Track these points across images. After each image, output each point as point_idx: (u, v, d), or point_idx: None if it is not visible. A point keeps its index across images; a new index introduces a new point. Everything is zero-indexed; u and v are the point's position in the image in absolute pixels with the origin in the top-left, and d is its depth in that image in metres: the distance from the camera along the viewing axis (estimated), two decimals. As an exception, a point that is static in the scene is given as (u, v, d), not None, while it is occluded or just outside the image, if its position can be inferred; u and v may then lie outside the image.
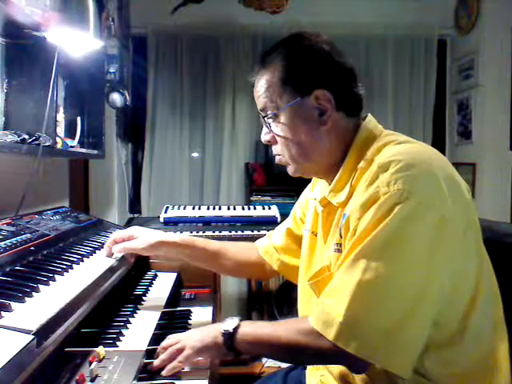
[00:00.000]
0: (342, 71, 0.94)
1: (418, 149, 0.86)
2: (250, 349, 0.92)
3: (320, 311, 0.81)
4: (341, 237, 0.88)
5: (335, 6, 3.10)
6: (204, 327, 0.99)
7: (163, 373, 0.90)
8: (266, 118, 0.96)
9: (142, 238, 1.21)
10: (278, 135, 0.95)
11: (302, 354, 0.86)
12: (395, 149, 0.85)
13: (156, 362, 0.93)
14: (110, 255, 1.22)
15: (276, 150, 0.99)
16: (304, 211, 1.19)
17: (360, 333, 0.76)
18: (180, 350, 0.93)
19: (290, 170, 0.99)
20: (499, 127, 3.01)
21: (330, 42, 0.95)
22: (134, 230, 1.24)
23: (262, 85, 0.95)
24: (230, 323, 0.91)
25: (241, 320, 0.92)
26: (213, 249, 1.26)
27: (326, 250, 0.95)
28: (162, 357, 0.93)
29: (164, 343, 0.96)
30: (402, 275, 0.77)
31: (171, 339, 0.97)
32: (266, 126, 0.97)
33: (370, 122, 0.96)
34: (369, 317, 0.76)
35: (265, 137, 0.99)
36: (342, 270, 0.81)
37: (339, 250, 0.89)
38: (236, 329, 0.89)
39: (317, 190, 1.09)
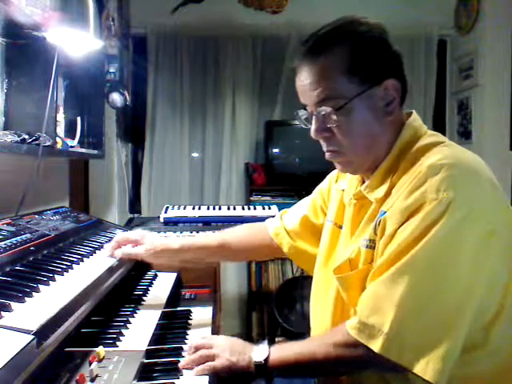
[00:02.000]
0: (400, 59, 0.91)
1: (468, 155, 0.84)
2: (286, 373, 0.91)
3: (362, 321, 0.80)
4: (375, 234, 0.86)
5: (335, 6, 3.09)
6: (240, 346, 0.94)
7: (193, 373, 0.89)
8: (323, 110, 0.87)
9: (145, 246, 1.21)
10: (341, 128, 0.87)
11: (342, 367, 0.87)
12: (445, 151, 0.83)
13: (185, 362, 0.92)
14: (112, 256, 1.22)
15: (331, 144, 0.91)
16: (326, 200, 1.15)
17: (404, 344, 0.76)
18: (211, 357, 0.91)
19: (344, 165, 0.94)
20: (499, 127, 3.01)
21: (385, 29, 0.92)
22: (138, 234, 1.25)
23: (317, 74, 0.87)
24: (260, 353, 0.89)
25: (270, 346, 0.90)
26: (214, 245, 1.25)
27: (353, 243, 0.93)
28: (193, 358, 0.92)
29: (198, 343, 0.95)
30: (445, 290, 0.76)
31: (204, 341, 0.96)
32: (322, 119, 0.88)
33: (416, 120, 0.93)
34: (413, 330, 0.77)
35: (320, 131, 0.90)
36: (385, 279, 0.79)
37: (371, 247, 0.86)
38: (267, 359, 0.88)
39: (342, 182, 1.06)
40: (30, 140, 1.34)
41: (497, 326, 0.83)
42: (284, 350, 0.90)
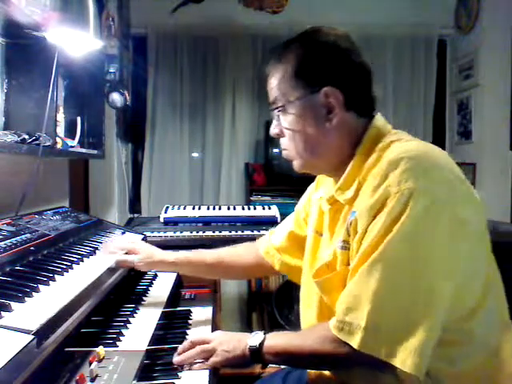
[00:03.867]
0: (357, 71, 0.93)
1: (427, 147, 0.85)
2: (276, 360, 0.93)
3: (341, 319, 0.81)
4: (348, 235, 0.87)
5: (335, 6, 3.10)
6: (232, 337, 0.98)
7: (195, 367, 0.93)
8: (275, 111, 0.96)
9: (141, 256, 1.24)
10: (286, 128, 0.95)
11: (326, 362, 0.88)
12: (404, 146, 0.84)
13: (181, 358, 0.94)
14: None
15: (283, 143, 0.98)
16: (308, 212, 1.18)
17: (381, 337, 0.77)
18: (208, 352, 0.94)
19: (296, 165, 0.99)
20: (499, 127, 3.01)
21: (349, 40, 0.94)
22: (135, 244, 1.28)
23: (275, 77, 0.94)
24: (255, 338, 0.92)
25: (265, 333, 0.93)
26: (209, 262, 1.28)
27: (332, 247, 0.94)
28: (189, 353, 0.94)
29: (195, 339, 0.97)
30: (420, 279, 0.77)
31: (201, 337, 0.97)
32: (276, 119, 0.97)
33: (379, 120, 0.95)
34: (389, 322, 0.77)
35: (274, 129, 0.99)
36: (360, 276, 0.80)
37: (346, 248, 0.88)
38: (262, 344, 0.91)
39: (321, 190, 1.08)
40: (29, 140, 1.34)
41: (480, 319, 0.83)
42: (279, 338, 0.92)
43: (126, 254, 1.25)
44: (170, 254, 1.26)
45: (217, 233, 2.05)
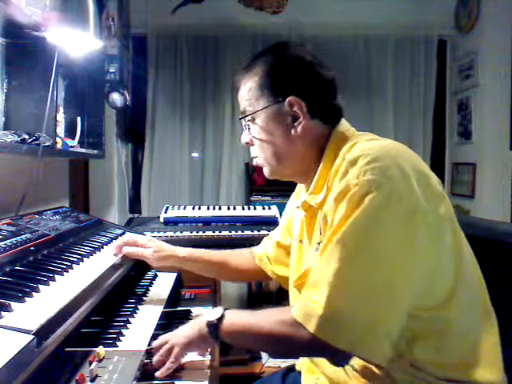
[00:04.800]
0: (321, 81, 0.97)
1: (385, 144, 0.88)
2: (235, 339, 0.93)
3: (302, 303, 0.82)
4: (321, 234, 0.90)
5: (335, 6, 3.10)
6: (189, 322, 1.00)
7: (157, 374, 0.92)
8: (245, 120, 1.00)
9: (153, 249, 1.25)
10: (255, 137, 1.00)
11: (283, 345, 0.86)
12: (363, 145, 0.87)
13: (152, 363, 0.94)
14: (118, 254, 1.25)
15: (253, 152, 1.03)
16: (290, 221, 1.21)
17: (339, 324, 0.77)
18: (170, 350, 0.94)
19: (266, 171, 1.03)
20: (499, 127, 3.01)
21: (312, 53, 0.99)
22: (147, 239, 1.29)
23: (244, 88, 1.00)
24: (214, 313, 0.92)
25: (225, 309, 0.92)
26: (216, 261, 1.31)
27: (312, 253, 0.97)
28: (155, 358, 0.95)
29: (154, 343, 0.98)
30: (376, 266, 0.77)
31: (160, 340, 0.98)
32: (246, 128, 1.01)
33: (342, 125, 0.98)
34: (347, 308, 0.77)
35: (244, 138, 1.03)
36: (321, 262, 0.82)
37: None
38: (220, 319, 0.91)
39: (301, 198, 1.09)
40: (30, 140, 1.34)
41: (455, 307, 0.83)
42: (238, 317, 0.92)
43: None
44: (179, 249, 1.29)
45: (217, 233, 2.05)
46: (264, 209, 2.30)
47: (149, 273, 1.53)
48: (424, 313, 0.82)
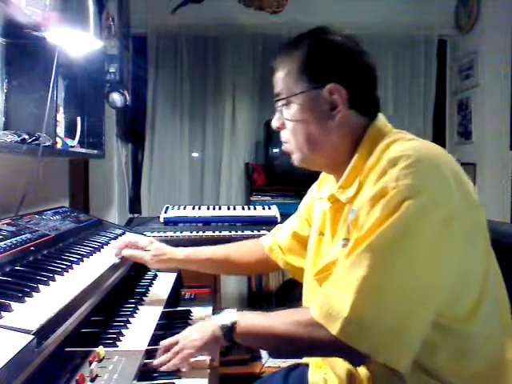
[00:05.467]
0: (362, 70, 0.93)
1: (427, 146, 0.86)
2: (249, 341, 0.93)
3: (323, 303, 0.80)
4: (349, 232, 0.87)
5: (335, 6, 3.10)
6: (200, 324, 0.99)
7: (163, 368, 0.92)
8: (279, 103, 0.97)
9: (153, 253, 1.25)
10: (288, 120, 0.95)
11: (300, 346, 0.85)
12: (404, 145, 0.84)
13: (154, 363, 0.94)
14: (118, 256, 1.24)
15: (284, 136, 0.99)
16: (310, 212, 1.18)
17: (364, 329, 0.76)
18: (178, 352, 0.94)
19: (295, 159, 0.99)
20: (499, 127, 3.01)
21: (354, 40, 0.95)
22: (148, 241, 1.29)
23: (281, 71, 0.96)
24: (227, 317, 0.92)
25: (238, 311, 0.92)
26: (218, 258, 1.30)
27: (334, 246, 0.94)
28: (161, 359, 0.94)
29: (162, 343, 0.97)
30: (407, 274, 0.76)
31: (170, 340, 0.97)
32: (278, 112, 0.98)
33: (380, 120, 0.95)
34: (373, 314, 0.76)
35: (275, 122, 1.00)
36: (347, 263, 0.80)
37: (347, 245, 0.87)
38: (234, 323, 0.90)
39: (324, 190, 1.08)
40: (30, 140, 1.34)
41: (478, 318, 0.82)
42: (252, 319, 0.91)
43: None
44: (179, 251, 1.28)
45: (217, 233, 2.05)
46: (264, 209, 2.30)
47: (149, 273, 1.53)
48: (448, 323, 0.81)
